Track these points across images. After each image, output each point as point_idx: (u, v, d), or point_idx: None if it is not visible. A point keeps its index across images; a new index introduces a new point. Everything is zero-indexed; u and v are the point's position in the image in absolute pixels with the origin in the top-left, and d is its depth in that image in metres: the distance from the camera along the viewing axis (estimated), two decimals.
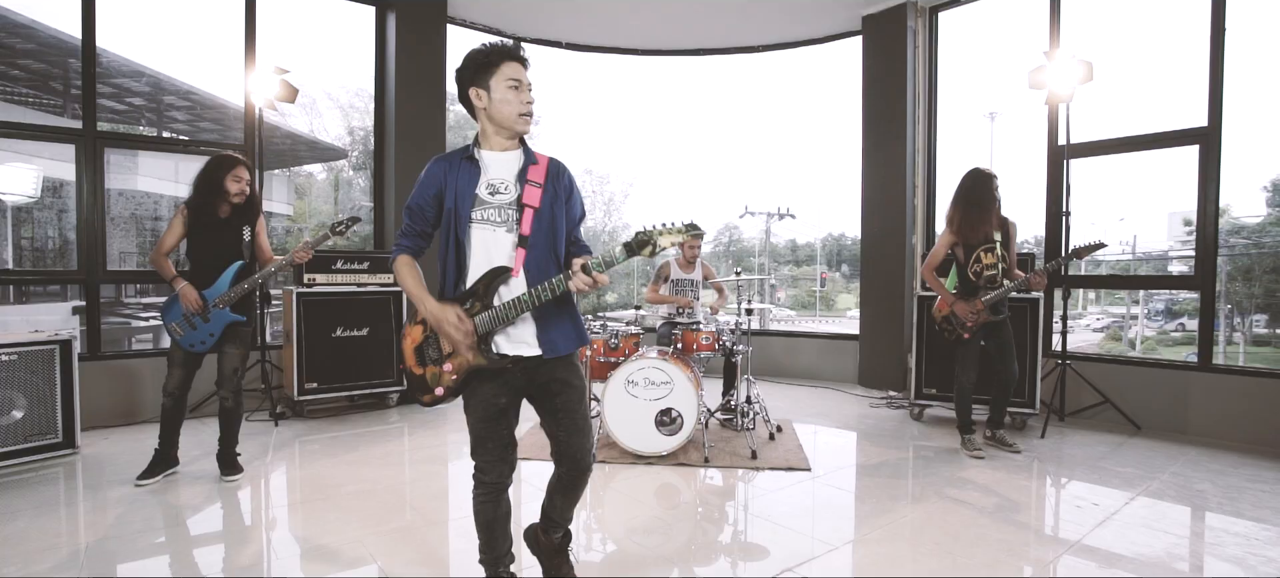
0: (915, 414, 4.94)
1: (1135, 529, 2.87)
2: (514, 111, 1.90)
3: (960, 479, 3.53)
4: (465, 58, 1.93)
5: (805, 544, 2.74)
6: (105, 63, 5.55)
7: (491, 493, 2.00)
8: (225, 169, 3.35)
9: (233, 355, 3.42)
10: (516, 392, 2.00)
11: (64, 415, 3.86)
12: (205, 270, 3.35)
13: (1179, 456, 3.98)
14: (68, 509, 3.09)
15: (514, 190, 1.93)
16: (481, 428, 1.95)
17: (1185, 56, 4.68)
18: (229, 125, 6.51)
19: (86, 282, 4.68)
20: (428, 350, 2.00)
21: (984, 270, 3.88)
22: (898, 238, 5.80)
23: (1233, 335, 10.69)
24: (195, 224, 3.35)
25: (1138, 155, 4.79)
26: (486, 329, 1.90)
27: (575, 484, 2.12)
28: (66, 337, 3.88)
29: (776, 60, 6.88)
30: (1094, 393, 4.68)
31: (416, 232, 1.98)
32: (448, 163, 1.96)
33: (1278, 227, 10.59)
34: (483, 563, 2.08)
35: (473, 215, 1.90)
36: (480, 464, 1.98)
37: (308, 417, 4.90)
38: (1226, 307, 10.74)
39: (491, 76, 1.89)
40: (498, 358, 1.91)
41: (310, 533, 2.80)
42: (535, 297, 1.85)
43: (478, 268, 1.91)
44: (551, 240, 1.96)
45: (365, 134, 11.27)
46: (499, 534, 2.04)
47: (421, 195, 1.95)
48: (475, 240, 1.91)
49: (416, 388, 2.03)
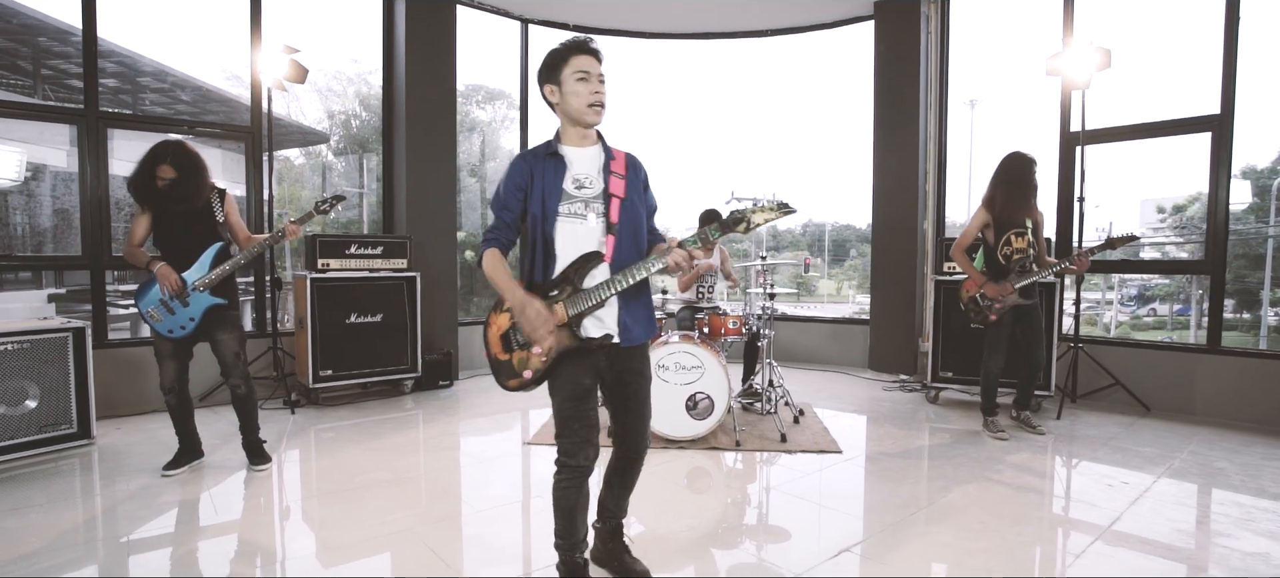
0: (931, 397, 5.01)
1: (1168, 506, 2.95)
2: (583, 102, 1.94)
3: (990, 460, 3.59)
4: (543, 58, 2.00)
5: (854, 524, 2.77)
6: (77, 42, 5.31)
7: (576, 477, 2.00)
8: (150, 161, 3.14)
9: (228, 341, 3.30)
10: (598, 374, 2.04)
11: (78, 405, 3.75)
12: (181, 255, 3.19)
13: (1192, 435, 4.09)
14: (93, 499, 3.01)
15: (599, 183, 2.00)
16: (568, 409, 1.97)
17: (1194, 44, 4.76)
18: (203, 106, 6.29)
19: (91, 267, 4.54)
20: (515, 336, 2.02)
21: (1014, 254, 3.92)
22: (909, 223, 5.85)
23: (1202, 319, 10.99)
24: (157, 214, 3.18)
25: (1112, 146, 4.91)
26: (577, 312, 1.94)
27: (631, 466, 2.19)
28: (79, 324, 3.76)
29: (779, 45, 6.87)
30: (1104, 375, 4.79)
31: (505, 224, 2.01)
32: (532, 159, 2.01)
33: (1249, 214, 10.89)
34: (559, 548, 2.09)
35: (560, 209, 1.96)
36: (566, 447, 1.99)
37: (322, 404, 4.82)
38: (1198, 292, 11.06)
39: (562, 71, 1.95)
40: (586, 339, 1.95)
41: (357, 524, 2.76)
42: (626, 278, 1.92)
43: (565, 258, 1.96)
44: (636, 229, 2.03)
45: (345, 118, 11.03)
46: (580, 520, 2.06)
47: (508, 192, 2.00)
48: (563, 232, 1.97)
49: (502, 373, 2.06)
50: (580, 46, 1.96)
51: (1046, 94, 5.33)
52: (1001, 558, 2.45)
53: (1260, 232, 10.60)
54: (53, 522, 2.74)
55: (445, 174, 5.71)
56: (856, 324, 6.62)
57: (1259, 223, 10.66)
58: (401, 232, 5.60)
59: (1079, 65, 4.50)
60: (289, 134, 10.39)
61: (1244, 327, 10.53)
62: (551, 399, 2.01)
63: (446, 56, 5.64)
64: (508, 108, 10.64)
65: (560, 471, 2.01)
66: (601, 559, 2.29)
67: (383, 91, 5.76)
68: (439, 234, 5.68)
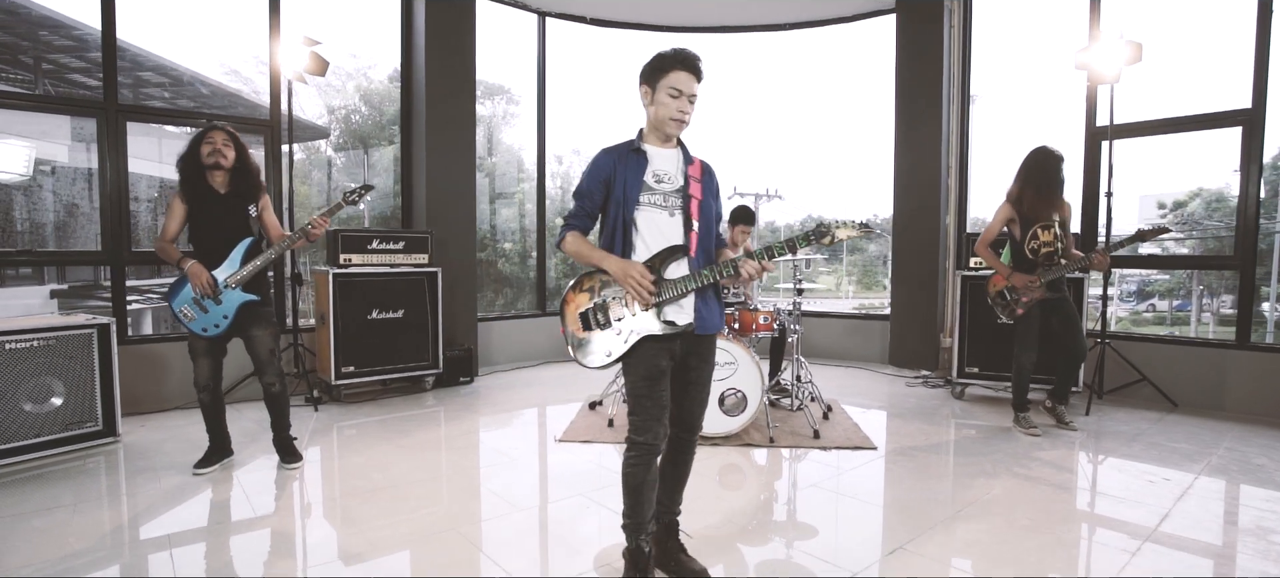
0: (957, 393, 4.98)
1: (1214, 501, 2.93)
2: (667, 115, 2.06)
3: (1027, 457, 3.56)
4: (649, 60, 2.10)
5: (902, 521, 2.73)
6: (79, 35, 5.22)
7: (646, 455, 2.04)
8: (200, 138, 3.15)
9: (263, 338, 3.25)
10: (673, 357, 2.10)
11: (104, 402, 3.70)
12: (211, 252, 3.16)
13: (1225, 432, 4.07)
14: (121, 499, 2.96)
15: (678, 180, 2.11)
16: (643, 387, 2.03)
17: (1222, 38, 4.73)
18: (203, 101, 6.12)
19: (111, 262, 4.48)
20: (595, 316, 2.09)
21: (1041, 247, 3.88)
22: (932, 218, 5.81)
23: (1202, 315, 11.01)
24: (194, 205, 3.15)
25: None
26: (660, 300, 2.04)
27: (684, 451, 2.24)
28: (104, 321, 3.71)
29: (796, 39, 6.82)
30: (1129, 371, 4.76)
31: (585, 212, 2.12)
32: (615, 154, 2.12)
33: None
34: (626, 529, 2.13)
35: (640, 199, 2.06)
36: (638, 424, 2.03)
37: (344, 401, 4.78)
38: (1198, 288, 11.06)
39: (660, 79, 2.05)
40: (668, 324, 2.03)
41: (399, 521, 2.72)
42: (707, 276, 2.03)
43: (648, 242, 2.07)
44: (710, 230, 2.16)
45: (346, 113, 10.97)
46: (647, 499, 2.09)
47: (591, 182, 2.10)
48: (644, 222, 2.07)
49: (581, 351, 2.12)
50: (682, 62, 2.03)
51: (1067, 88, 5.31)
52: (1058, 557, 2.42)
53: (1267, 228, 10.59)
54: (85, 522, 2.70)
55: (465, 168, 5.66)
56: (875, 320, 6.59)
57: (1265, 219, 10.66)
58: (420, 227, 5.55)
59: (1109, 59, 4.46)
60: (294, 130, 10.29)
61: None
62: (626, 378, 2.08)
63: (466, 49, 5.58)
64: (507, 103, 10.52)
65: (630, 448, 2.06)
66: (658, 560, 2.26)
67: (401, 85, 5.70)
68: (459, 229, 5.63)
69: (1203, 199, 9.86)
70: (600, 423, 4.15)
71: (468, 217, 5.71)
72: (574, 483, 3.19)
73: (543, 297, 6.87)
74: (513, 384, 5.50)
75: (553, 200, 7.05)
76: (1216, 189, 8.67)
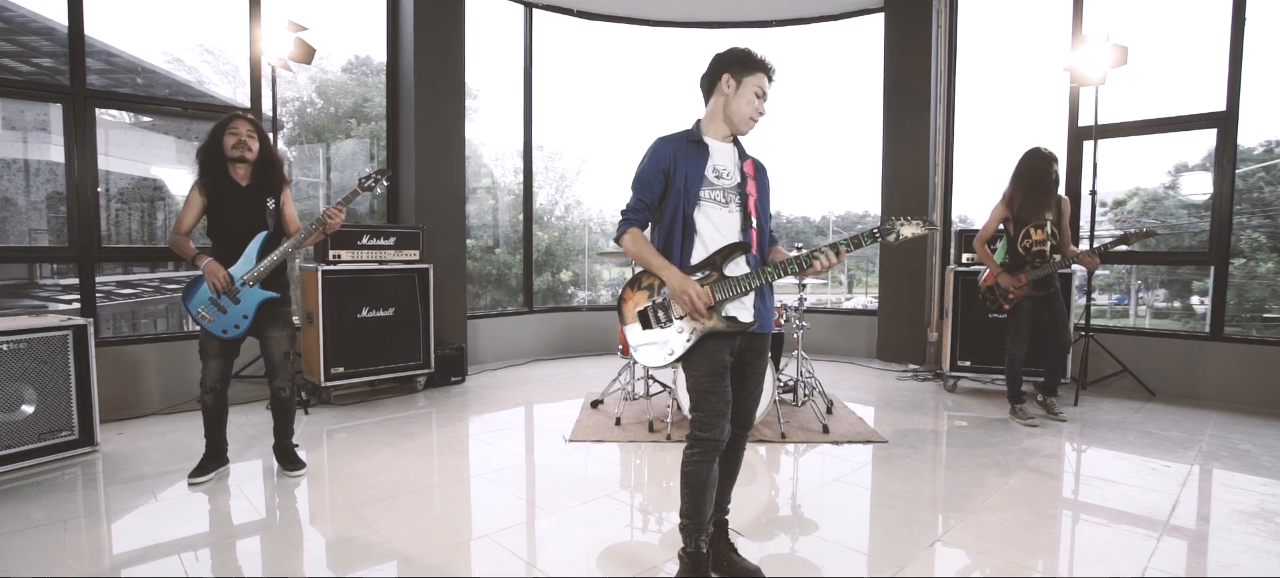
0: (949, 386, 5.09)
1: (1218, 489, 3.05)
2: (746, 115, 2.06)
3: (1030, 449, 3.65)
4: (733, 49, 2.08)
5: (931, 515, 2.76)
6: (9, 17, 4.77)
7: (710, 451, 2.00)
8: (222, 127, 3.00)
9: (279, 339, 3.10)
10: (733, 353, 2.07)
11: (80, 410, 3.47)
12: (228, 248, 2.99)
13: (1206, 419, 4.26)
14: (100, 517, 2.76)
15: (736, 176, 2.09)
16: (707, 383, 2.00)
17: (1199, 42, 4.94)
18: (149, 90, 5.72)
19: (79, 259, 4.19)
20: (655, 313, 2.06)
21: (1033, 245, 4.00)
22: (919, 214, 5.90)
23: (1138, 307, 11.58)
24: (213, 198, 2.99)
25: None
26: (723, 297, 2.00)
27: (738, 446, 2.22)
28: (81, 321, 3.46)
29: (784, 36, 6.85)
30: (1110, 362, 4.95)
31: (645, 205, 2.07)
32: (675, 143, 2.08)
33: (1183, 209, 11.53)
34: (685, 529, 2.09)
35: (701, 194, 2.03)
36: (702, 420, 2.00)
37: (335, 404, 4.59)
38: (1137, 283, 11.63)
39: (746, 76, 2.03)
40: (730, 321, 2.01)
41: (426, 531, 2.61)
42: (773, 273, 2.00)
43: (706, 239, 2.03)
44: (765, 226, 2.14)
45: (300, 105, 10.57)
46: (708, 498, 2.06)
47: (651, 173, 2.06)
48: (704, 216, 2.04)
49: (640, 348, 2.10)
50: (767, 67, 2.07)
51: (1050, 89, 5.47)
52: (1090, 541, 2.48)
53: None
54: (71, 542, 2.50)
55: (455, 163, 5.50)
56: (861, 315, 6.70)
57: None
58: (408, 222, 5.37)
59: (1095, 62, 4.60)
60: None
61: (1176, 315, 11.14)
62: (689, 375, 2.05)
63: (455, 42, 5.42)
64: (469, 99, 10.26)
65: (692, 445, 2.02)
66: (711, 560, 2.21)
67: (387, 77, 5.51)
68: (448, 225, 5.48)
69: (1140, 198, 10.37)
70: (607, 422, 4.08)
71: (458, 211, 5.55)
72: (598, 484, 3.13)
73: (530, 295, 6.74)
74: (505, 383, 5.38)
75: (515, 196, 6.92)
76: (1151, 189, 9.13)
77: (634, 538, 2.58)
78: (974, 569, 2.31)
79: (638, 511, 2.83)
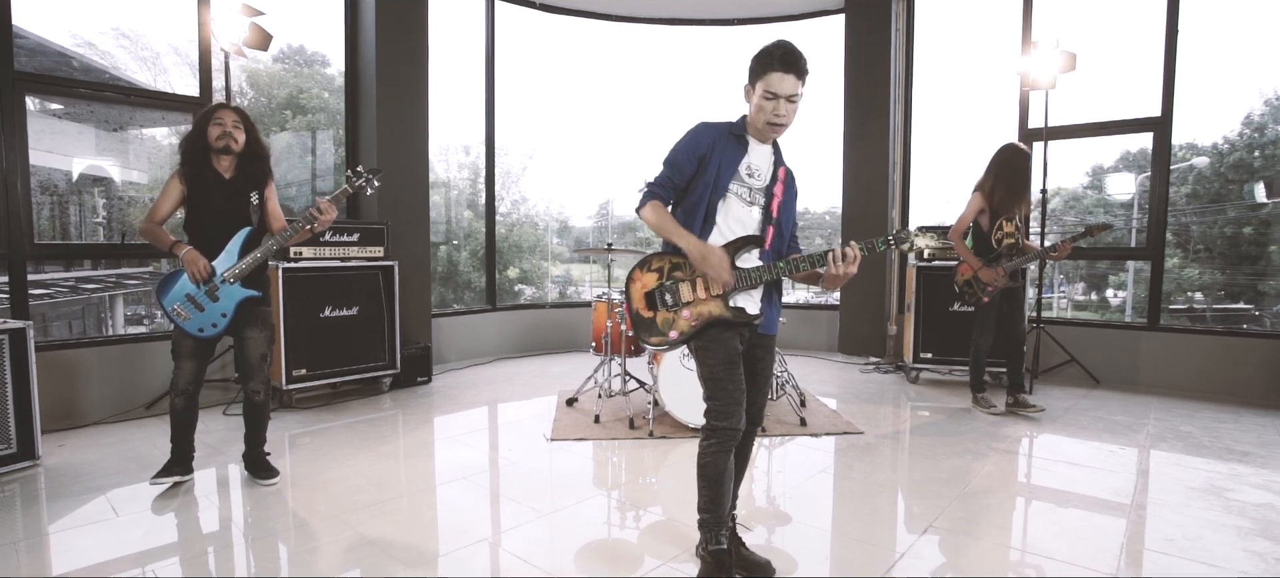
0: (912, 378, 5.27)
1: (1171, 468, 3.27)
2: (762, 119, 2.00)
3: (999, 434, 3.82)
4: (756, 51, 2.01)
5: (919, 504, 2.84)
6: None
7: (727, 440, 1.99)
8: (207, 117, 2.85)
9: (257, 340, 2.94)
10: (743, 343, 2.09)
11: (19, 421, 3.19)
12: (209, 243, 2.83)
13: (1149, 405, 4.55)
14: (45, 538, 2.56)
15: (767, 178, 2.09)
16: (722, 371, 2.00)
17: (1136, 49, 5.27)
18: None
19: (9, 256, 3.84)
20: (662, 296, 2.06)
21: (1005, 238, 4.17)
22: (879, 211, 6.10)
23: (1060, 300, 12.34)
24: (194, 189, 2.82)
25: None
26: (731, 287, 2.02)
27: (749, 441, 2.23)
28: (19, 325, 3.18)
29: (745, 35, 6.93)
30: (1058, 352, 5.24)
31: (672, 184, 2.06)
32: (717, 133, 2.06)
33: (1099, 207, 12.38)
34: (704, 524, 2.07)
35: (730, 187, 2.03)
36: (718, 409, 1.99)
37: (296, 407, 4.37)
38: (1059, 277, 12.40)
39: (759, 79, 1.98)
40: (736, 311, 2.02)
41: (422, 537, 2.51)
42: (785, 268, 2.02)
43: (723, 232, 2.05)
44: (783, 232, 2.13)
45: (235, 94, 10.07)
46: (727, 490, 2.06)
47: (685, 155, 2.04)
48: (726, 209, 2.05)
49: (644, 331, 2.09)
50: (780, 62, 1.92)
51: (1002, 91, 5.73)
52: (1081, 526, 2.60)
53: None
54: (15, 565, 2.30)
55: (419, 156, 5.33)
56: (822, 310, 6.86)
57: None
58: (370, 218, 5.17)
59: (1045, 67, 4.85)
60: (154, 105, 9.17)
61: (1093, 307, 11.94)
62: (701, 366, 2.04)
63: (418, 32, 5.25)
64: None
65: (709, 436, 2.00)
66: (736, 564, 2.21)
67: (346, 67, 5.29)
68: (412, 220, 5.30)
69: (1062, 197, 11.07)
70: (586, 420, 4.04)
71: (422, 207, 5.38)
72: (589, 483, 3.09)
73: (493, 292, 6.60)
74: (472, 383, 5.25)
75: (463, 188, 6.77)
76: (1071, 189, 9.76)
77: (634, 537, 2.56)
78: (974, 551, 2.39)
79: (631, 507, 2.81)
